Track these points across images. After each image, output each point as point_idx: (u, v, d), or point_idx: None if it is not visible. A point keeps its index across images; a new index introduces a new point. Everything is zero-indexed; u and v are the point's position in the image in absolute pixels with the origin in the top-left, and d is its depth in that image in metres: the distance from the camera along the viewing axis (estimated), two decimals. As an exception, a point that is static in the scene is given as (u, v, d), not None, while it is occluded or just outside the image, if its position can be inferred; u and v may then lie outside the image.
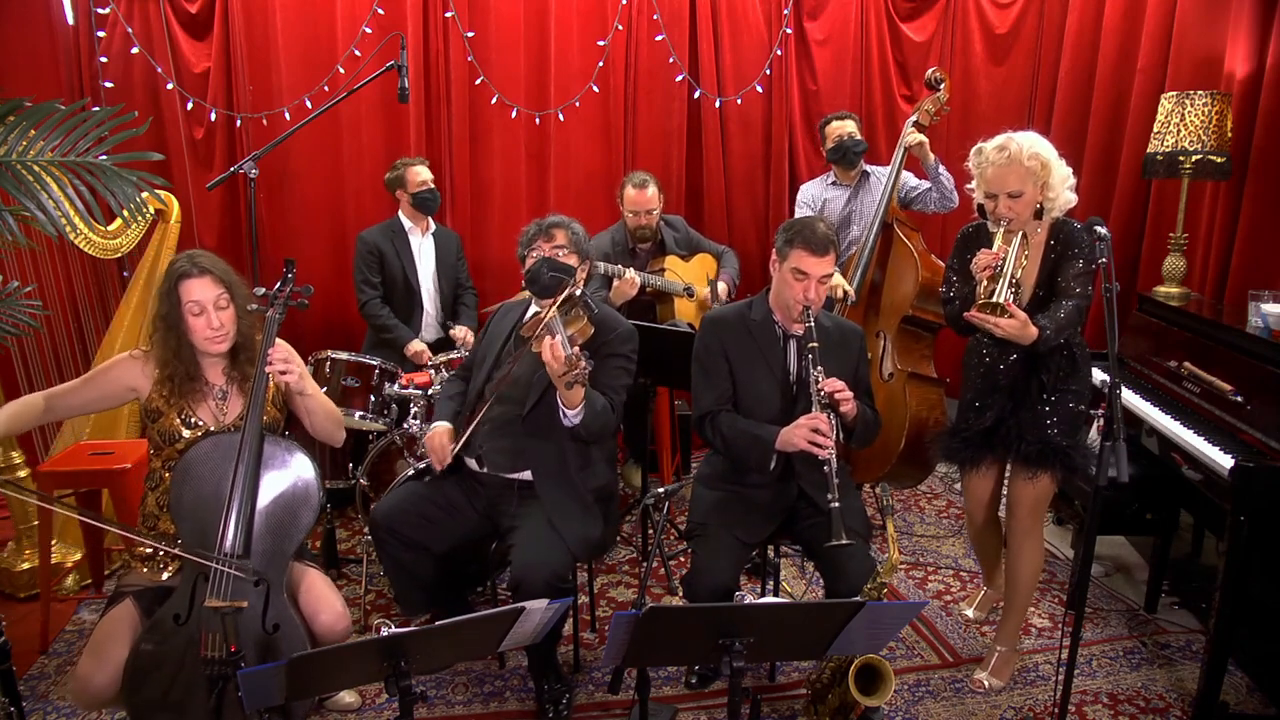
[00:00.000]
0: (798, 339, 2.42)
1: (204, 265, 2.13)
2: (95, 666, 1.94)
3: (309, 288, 2.19)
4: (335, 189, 4.21)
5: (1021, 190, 2.29)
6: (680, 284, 3.76)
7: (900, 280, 3.45)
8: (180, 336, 2.12)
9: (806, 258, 2.30)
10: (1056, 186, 2.31)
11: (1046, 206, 2.32)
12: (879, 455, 3.30)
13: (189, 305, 2.09)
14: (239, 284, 2.17)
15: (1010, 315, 2.21)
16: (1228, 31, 3.57)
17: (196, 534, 1.99)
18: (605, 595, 3.15)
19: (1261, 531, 2.21)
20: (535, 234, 2.54)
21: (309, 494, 2.09)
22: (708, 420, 2.46)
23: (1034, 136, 2.34)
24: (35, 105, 2.10)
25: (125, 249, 3.41)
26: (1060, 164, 2.33)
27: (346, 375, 3.10)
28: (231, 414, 2.20)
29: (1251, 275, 3.36)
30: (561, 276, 2.41)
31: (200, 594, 1.93)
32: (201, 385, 2.18)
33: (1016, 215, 2.31)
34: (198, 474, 2.02)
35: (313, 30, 4.06)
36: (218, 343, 2.13)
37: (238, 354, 2.19)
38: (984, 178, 2.35)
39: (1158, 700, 2.55)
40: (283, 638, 1.99)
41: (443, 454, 2.46)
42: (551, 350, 2.15)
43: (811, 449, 2.24)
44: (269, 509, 2.04)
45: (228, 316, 2.13)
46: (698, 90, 4.46)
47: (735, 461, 2.47)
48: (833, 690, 2.22)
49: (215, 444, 2.07)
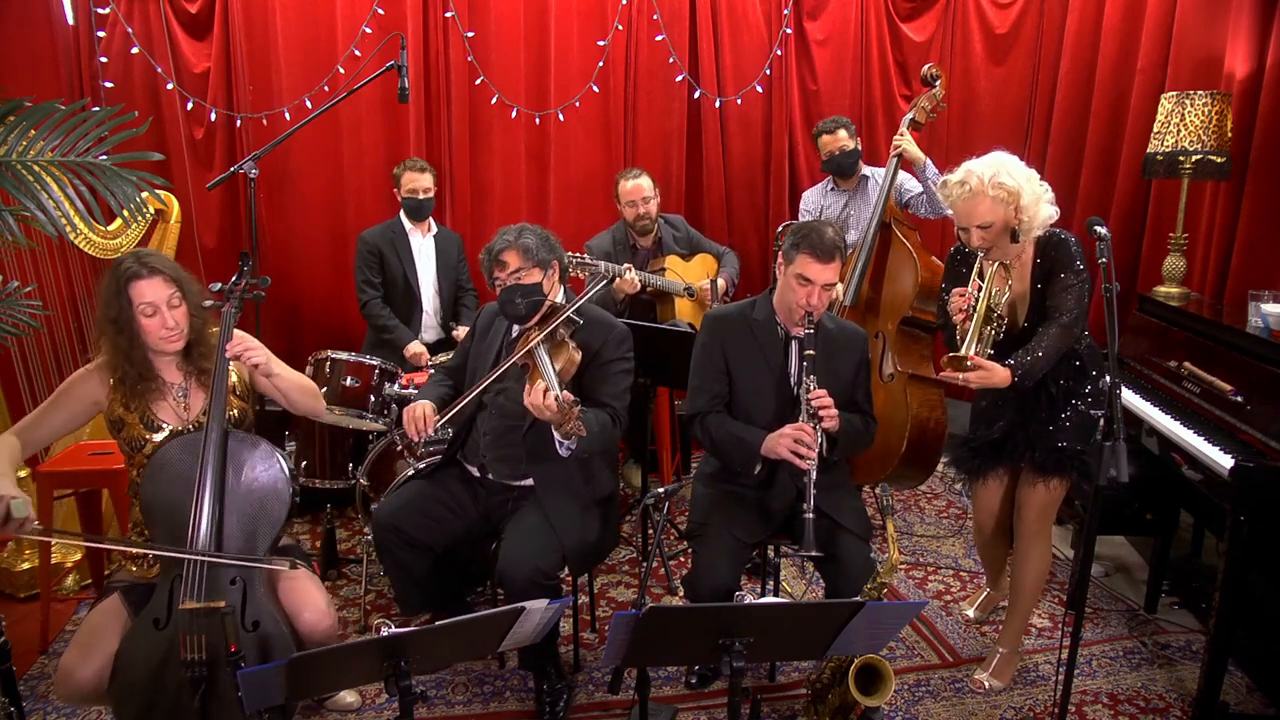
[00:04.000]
0: (799, 340, 2.42)
1: (154, 265, 2.09)
2: (79, 660, 1.93)
3: (265, 279, 2.19)
4: (335, 189, 4.21)
5: (990, 220, 2.25)
6: (680, 284, 3.76)
7: (898, 281, 3.45)
8: (132, 338, 2.09)
9: (812, 264, 2.29)
10: (1030, 207, 2.24)
11: (1023, 227, 2.26)
12: (880, 457, 3.30)
13: (141, 307, 2.06)
14: (189, 280, 2.15)
15: (976, 367, 2.19)
16: (1228, 31, 3.56)
17: (170, 535, 1.98)
18: (605, 595, 3.15)
19: (1261, 531, 2.21)
20: (489, 265, 2.45)
21: (277, 486, 2.08)
22: (698, 420, 2.47)
23: (997, 162, 2.26)
24: (35, 105, 2.10)
25: (125, 249, 3.40)
26: (1031, 182, 2.25)
27: (346, 375, 3.10)
28: (195, 410, 2.18)
29: (1251, 275, 3.35)
30: (535, 300, 2.42)
31: (178, 597, 1.92)
32: (158, 385, 2.16)
33: (992, 244, 2.28)
34: (167, 475, 2.02)
35: (313, 30, 4.06)
36: (173, 341, 2.11)
37: (191, 350, 2.17)
38: (954, 211, 2.33)
39: (1158, 700, 2.55)
40: (263, 636, 1.98)
41: (421, 425, 2.40)
42: (543, 401, 2.14)
43: (793, 459, 2.25)
44: (238, 505, 2.03)
45: (181, 314, 2.11)
46: (698, 90, 4.46)
47: (723, 462, 2.48)
48: (833, 690, 2.22)
49: (181, 445, 2.06)
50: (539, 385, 2.18)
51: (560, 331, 2.35)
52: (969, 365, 2.20)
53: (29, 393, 3.35)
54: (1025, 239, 2.30)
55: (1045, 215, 2.29)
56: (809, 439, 2.24)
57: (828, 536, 2.33)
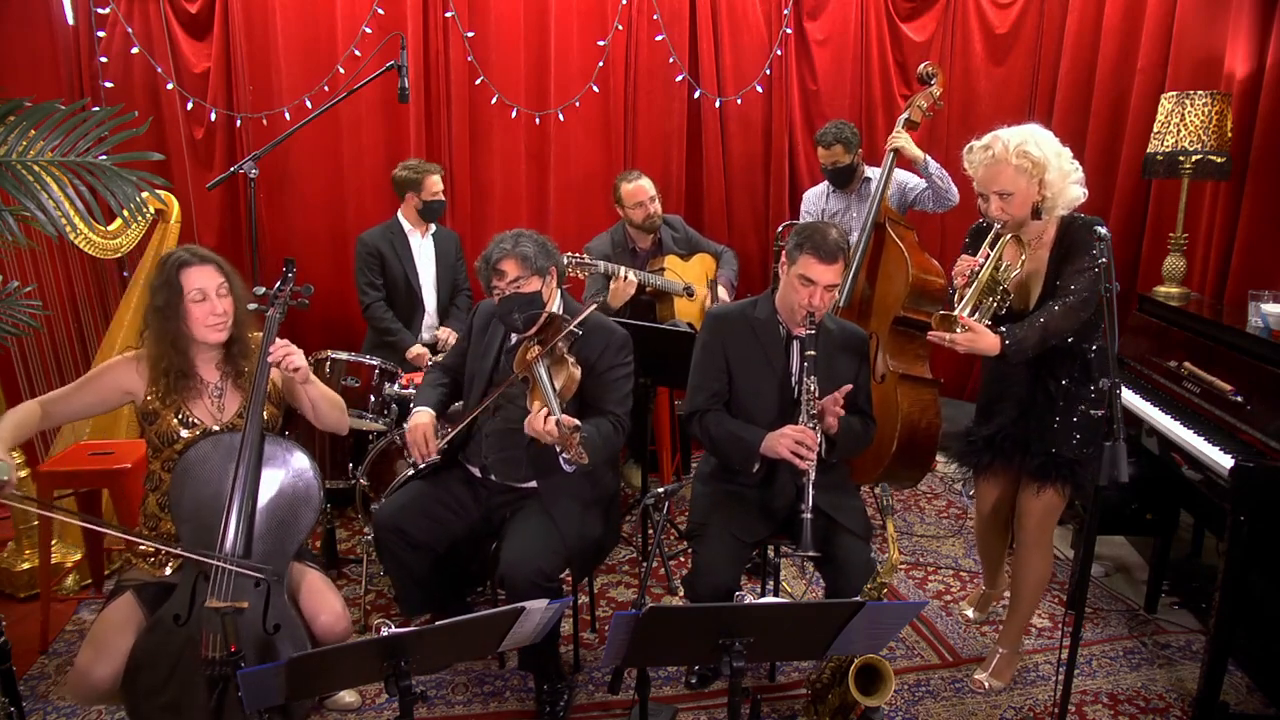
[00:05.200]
0: (801, 340, 2.42)
1: (204, 255, 2.14)
2: (95, 659, 1.93)
3: (309, 287, 2.19)
4: (335, 189, 4.21)
5: (1010, 190, 2.20)
6: (680, 284, 3.76)
7: (891, 281, 3.45)
8: (177, 327, 2.10)
9: (815, 265, 2.28)
10: (1056, 183, 2.19)
11: (1046, 205, 2.21)
12: (873, 457, 3.29)
13: (192, 293, 2.08)
14: (236, 276, 2.18)
15: (966, 329, 2.14)
16: (1228, 31, 3.57)
17: (197, 534, 1.98)
18: (605, 595, 3.15)
19: (1261, 531, 2.21)
20: (487, 274, 2.43)
21: (310, 493, 2.09)
22: (697, 418, 2.47)
23: (1027, 132, 2.21)
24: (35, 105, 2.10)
25: (125, 249, 3.41)
26: (1060, 158, 2.20)
27: (346, 375, 3.10)
28: (229, 412, 2.19)
29: (1251, 275, 3.36)
30: (534, 312, 2.41)
31: (200, 594, 1.92)
32: (196, 383, 2.17)
33: (1010, 216, 2.23)
34: (197, 475, 2.02)
35: (313, 30, 4.06)
36: (219, 330, 2.12)
37: (232, 348, 2.18)
38: (975, 177, 2.28)
39: (1158, 700, 2.55)
40: (283, 638, 1.98)
41: (425, 448, 2.40)
42: (543, 427, 2.15)
43: (793, 459, 2.25)
44: (270, 508, 2.04)
45: (228, 304, 2.13)
46: (698, 90, 4.46)
47: (721, 460, 2.48)
48: (833, 690, 2.22)
49: (215, 444, 2.06)
50: (539, 411, 2.17)
51: (560, 347, 2.33)
52: (958, 327, 2.15)
53: (29, 393, 3.35)
54: (1048, 217, 2.25)
55: (1072, 196, 2.23)
56: (810, 440, 2.23)
57: (827, 536, 2.33)
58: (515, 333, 2.49)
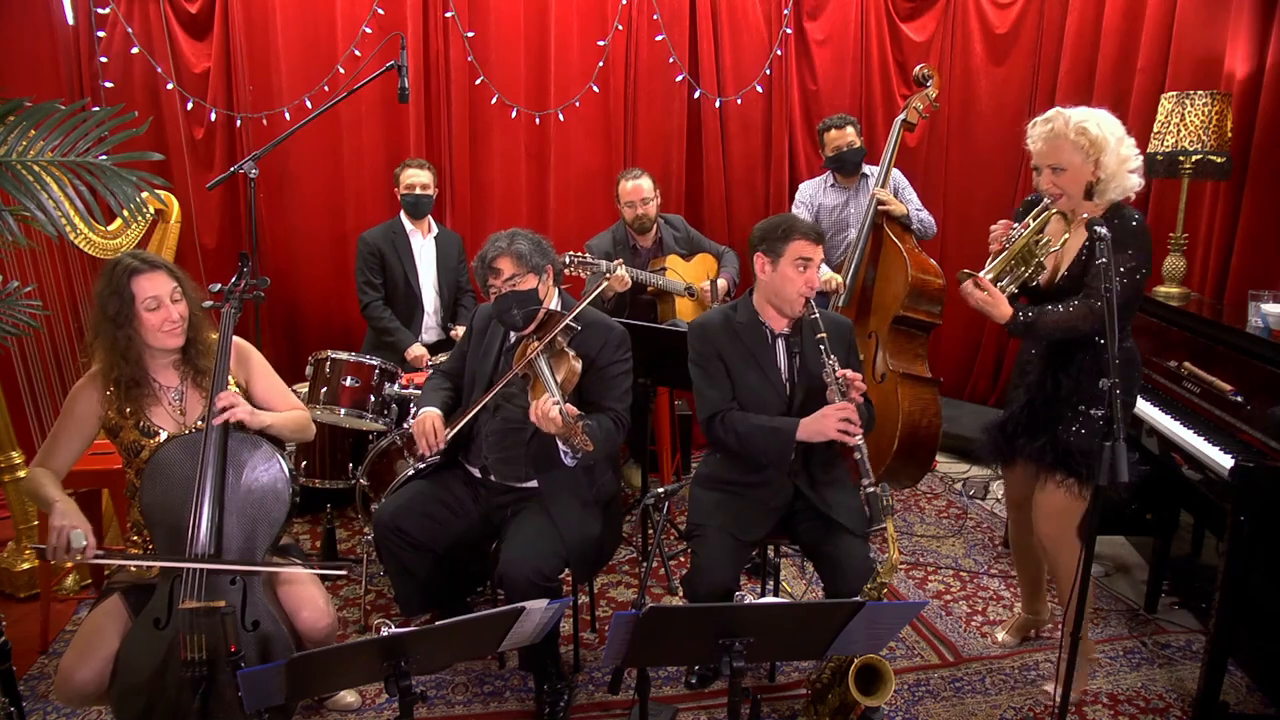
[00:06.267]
0: (785, 338, 2.44)
1: (154, 261, 2.12)
2: (78, 661, 1.93)
3: (265, 280, 2.20)
4: (335, 189, 4.21)
5: (1064, 166, 2.22)
6: (681, 283, 3.76)
7: (890, 281, 3.45)
8: (130, 335, 2.08)
9: (808, 245, 2.35)
10: (1111, 165, 2.19)
11: (1099, 187, 2.21)
12: (873, 457, 3.29)
13: (145, 301, 2.07)
14: (187, 278, 2.17)
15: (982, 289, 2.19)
16: (1228, 31, 3.57)
17: (170, 536, 1.98)
18: (605, 595, 3.15)
19: (1261, 531, 2.21)
20: (483, 273, 2.44)
21: (278, 487, 2.08)
22: (718, 419, 2.42)
23: (1090, 112, 2.22)
24: (35, 105, 2.10)
25: (125, 249, 3.40)
26: (1121, 145, 2.20)
27: (346, 375, 3.10)
28: (192, 415, 2.18)
29: (1251, 275, 3.36)
30: (531, 309, 2.42)
31: (178, 596, 1.92)
32: (153, 389, 2.16)
33: (1062, 191, 2.24)
34: (166, 476, 2.02)
35: (313, 30, 4.06)
36: (175, 336, 2.11)
37: (189, 350, 2.17)
38: (1033, 150, 2.29)
39: (1158, 700, 2.55)
40: (262, 636, 1.98)
41: (433, 438, 2.39)
42: (546, 416, 2.15)
43: (844, 437, 2.26)
44: (238, 506, 2.03)
45: (183, 309, 2.12)
46: (698, 90, 4.46)
47: (750, 458, 2.41)
48: (833, 690, 2.23)
49: (181, 446, 2.05)
50: (543, 398, 2.18)
51: (559, 340, 2.34)
52: (977, 284, 2.19)
53: (29, 393, 3.35)
54: (1099, 200, 2.25)
55: (1125, 184, 2.23)
56: (853, 414, 2.25)
57: (825, 535, 2.33)
58: (514, 330, 2.49)
